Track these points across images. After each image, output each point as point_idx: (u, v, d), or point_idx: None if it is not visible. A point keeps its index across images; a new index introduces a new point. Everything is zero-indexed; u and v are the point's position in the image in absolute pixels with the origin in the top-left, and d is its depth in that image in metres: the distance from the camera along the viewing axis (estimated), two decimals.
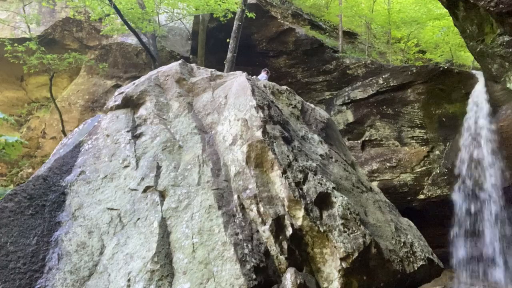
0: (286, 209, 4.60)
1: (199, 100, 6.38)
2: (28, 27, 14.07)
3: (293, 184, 4.70)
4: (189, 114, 6.03)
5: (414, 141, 13.65)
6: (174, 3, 14.68)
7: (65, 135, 13.22)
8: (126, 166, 5.38)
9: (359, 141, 14.32)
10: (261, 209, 4.54)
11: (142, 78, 6.74)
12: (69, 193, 5.11)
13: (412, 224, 6.43)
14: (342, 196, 4.93)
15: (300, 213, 4.53)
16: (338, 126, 13.74)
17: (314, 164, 5.25)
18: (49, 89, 14.43)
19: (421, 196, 13.15)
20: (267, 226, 4.45)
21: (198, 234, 4.39)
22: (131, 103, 6.28)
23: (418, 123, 13.55)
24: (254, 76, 6.87)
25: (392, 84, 13.75)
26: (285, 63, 15.88)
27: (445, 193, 12.57)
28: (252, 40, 15.43)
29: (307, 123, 6.61)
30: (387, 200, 6.66)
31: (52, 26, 16.01)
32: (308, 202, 4.63)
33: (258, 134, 5.02)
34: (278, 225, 4.48)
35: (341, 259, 4.35)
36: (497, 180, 11.16)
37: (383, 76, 13.99)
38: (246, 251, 4.18)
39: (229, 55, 12.50)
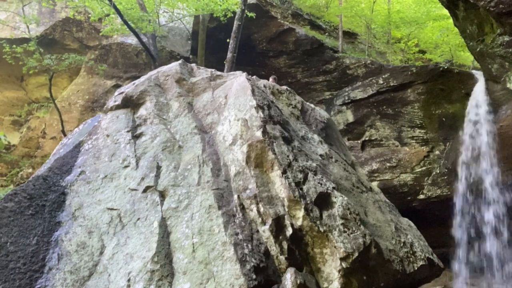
0: (286, 209, 4.60)
1: (199, 100, 6.38)
2: (28, 27, 14.05)
3: (293, 184, 4.70)
4: (189, 114, 6.03)
5: (414, 141, 13.65)
6: (174, 3, 14.68)
7: (65, 135, 13.21)
8: (126, 166, 5.38)
9: (359, 141, 14.31)
10: (261, 209, 4.54)
11: (142, 78, 6.74)
12: (69, 193, 5.11)
13: (412, 224, 6.43)
14: (342, 196, 4.93)
15: (300, 213, 4.53)
16: (338, 126, 13.74)
17: (314, 164, 5.25)
18: (48, 89, 14.43)
19: (421, 196, 13.14)
20: (267, 226, 4.45)
21: (198, 234, 4.38)
22: (131, 103, 6.28)
23: (418, 123, 13.54)
24: (254, 76, 6.87)
25: (392, 84, 13.74)
26: (285, 63, 15.87)
27: (445, 193, 12.56)
28: (252, 40, 15.42)
29: (307, 123, 6.61)
30: (387, 200, 6.65)
31: (52, 26, 16.02)
32: (308, 202, 4.63)
33: (258, 134, 5.01)
34: (278, 225, 4.48)
35: (341, 259, 4.35)
36: (496, 180, 11.15)
37: (383, 76, 13.98)
38: (246, 251, 4.18)
39: (229, 55, 12.50)
